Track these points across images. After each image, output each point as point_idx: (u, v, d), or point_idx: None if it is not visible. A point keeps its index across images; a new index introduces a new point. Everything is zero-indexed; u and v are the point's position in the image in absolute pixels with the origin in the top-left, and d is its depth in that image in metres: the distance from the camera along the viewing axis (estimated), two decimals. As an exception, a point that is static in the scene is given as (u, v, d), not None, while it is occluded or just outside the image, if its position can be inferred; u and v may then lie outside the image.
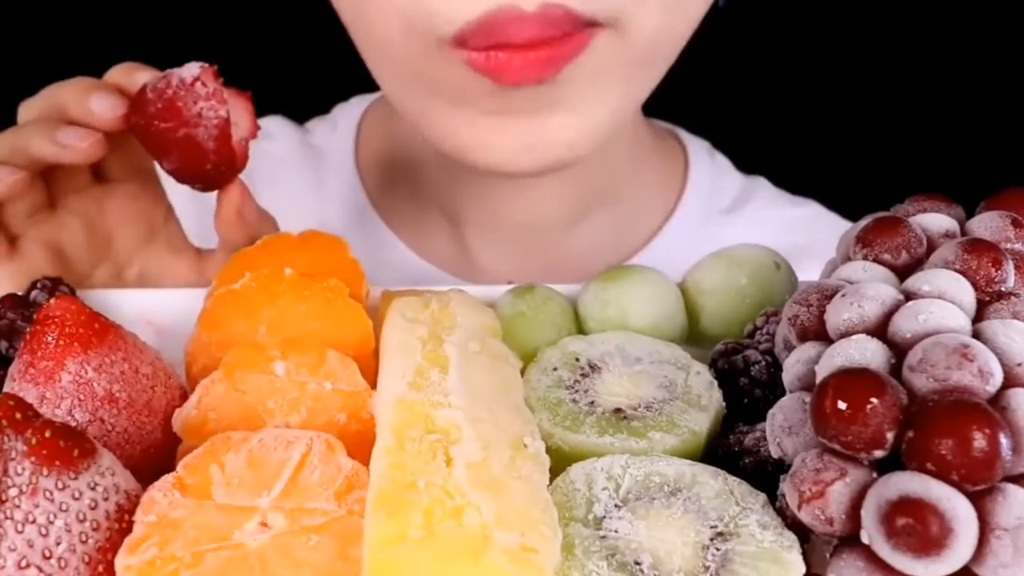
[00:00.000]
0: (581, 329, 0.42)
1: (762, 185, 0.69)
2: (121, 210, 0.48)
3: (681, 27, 0.48)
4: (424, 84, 0.48)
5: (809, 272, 0.43)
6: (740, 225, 0.65)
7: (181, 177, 0.45)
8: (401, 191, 0.65)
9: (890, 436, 0.27)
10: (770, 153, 0.72)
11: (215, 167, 0.44)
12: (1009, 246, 0.33)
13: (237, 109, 0.45)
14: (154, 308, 0.43)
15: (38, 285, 0.41)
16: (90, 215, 0.47)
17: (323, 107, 0.72)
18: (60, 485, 0.28)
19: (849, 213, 0.66)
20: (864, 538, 0.27)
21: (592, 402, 0.36)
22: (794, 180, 0.70)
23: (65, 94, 0.44)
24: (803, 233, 0.63)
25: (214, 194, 0.47)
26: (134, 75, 0.45)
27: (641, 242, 0.64)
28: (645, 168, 0.64)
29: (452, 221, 0.63)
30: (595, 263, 0.62)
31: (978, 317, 0.31)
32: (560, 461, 0.33)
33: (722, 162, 0.69)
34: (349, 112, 0.69)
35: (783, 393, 0.32)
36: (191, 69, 0.43)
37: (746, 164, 0.70)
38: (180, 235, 0.51)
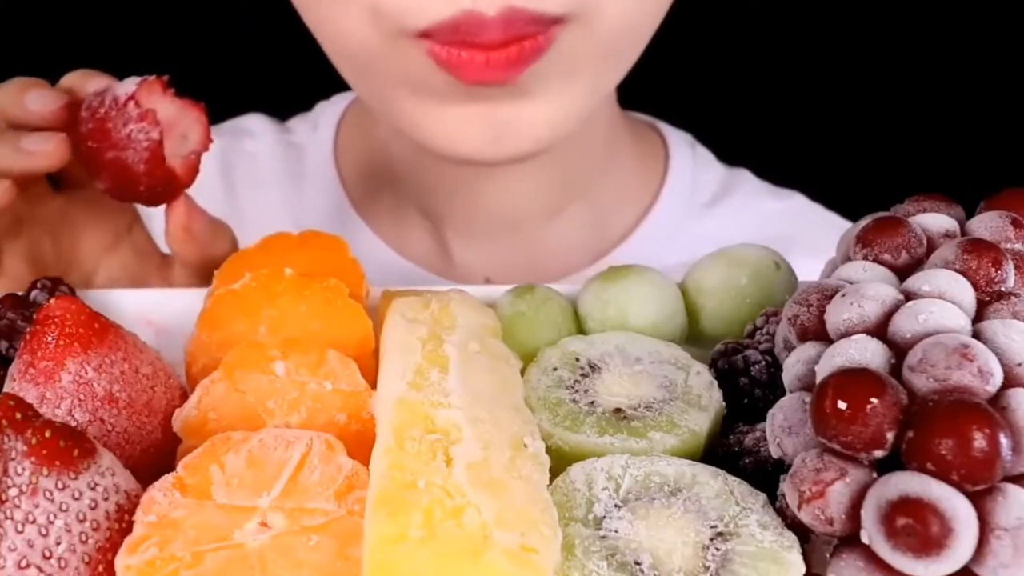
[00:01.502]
0: (581, 329, 0.42)
1: (745, 178, 0.68)
2: (84, 218, 0.48)
3: (649, 14, 0.48)
4: (385, 74, 0.48)
5: (796, 265, 0.43)
6: (722, 218, 0.65)
7: (116, 196, 0.44)
8: (380, 189, 0.65)
9: (890, 436, 0.27)
10: (769, 151, 0.72)
11: (149, 189, 0.43)
12: (1009, 246, 0.33)
13: (188, 120, 0.43)
14: (154, 308, 0.43)
15: (38, 285, 0.41)
16: (54, 224, 0.47)
17: (308, 104, 0.72)
18: (60, 485, 0.28)
19: (848, 213, 0.66)
20: (864, 538, 0.27)
21: (592, 402, 0.36)
22: (793, 180, 0.70)
23: (1, 97, 0.43)
24: (786, 225, 0.63)
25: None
26: (87, 82, 0.44)
27: (620, 236, 0.64)
28: (623, 161, 0.64)
29: (430, 218, 0.63)
30: (574, 258, 0.62)
31: (978, 317, 0.31)
32: (560, 461, 0.33)
33: (704, 155, 0.68)
34: (330, 110, 0.69)
35: (783, 393, 0.32)
36: (127, 86, 0.42)
37: (744, 162, 0.70)
38: (147, 241, 0.50)
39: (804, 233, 0.61)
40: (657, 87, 0.60)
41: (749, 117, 0.86)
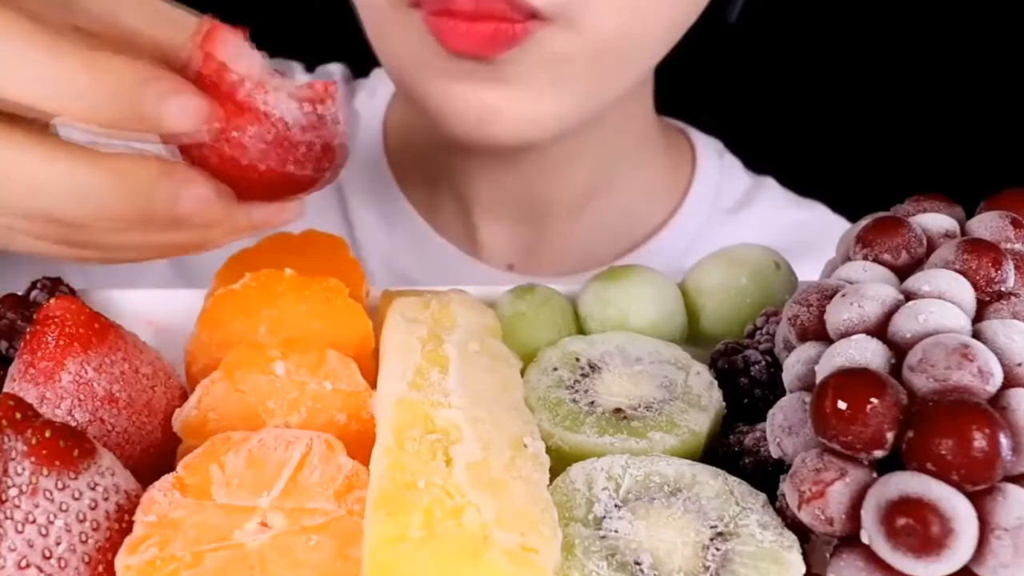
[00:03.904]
0: (581, 329, 0.42)
1: (769, 186, 0.69)
2: None
3: (648, 27, 0.49)
4: (394, 41, 0.50)
5: (811, 273, 0.43)
6: (744, 226, 0.66)
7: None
8: (418, 163, 0.66)
9: (890, 436, 0.27)
10: (775, 151, 0.72)
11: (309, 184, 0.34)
12: (1009, 246, 0.33)
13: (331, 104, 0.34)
14: (154, 308, 0.43)
15: (38, 285, 0.41)
16: None
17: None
18: (60, 485, 0.28)
19: (850, 212, 0.66)
20: (864, 538, 0.27)
21: (592, 402, 0.36)
22: (797, 179, 0.70)
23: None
24: (807, 235, 0.64)
25: None
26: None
27: (643, 238, 0.65)
28: (652, 164, 0.65)
29: (460, 198, 0.64)
30: (597, 255, 0.63)
31: (978, 317, 0.31)
32: (560, 461, 0.33)
33: (731, 162, 0.69)
34: (387, 79, 0.70)
35: (783, 393, 0.32)
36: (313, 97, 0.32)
37: (753, 162, 0.70)
38: None
39: (824, 244, 0.62)
40: (683, 89, 0.61)
41: (752, 114, 0.86)
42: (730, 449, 0.34)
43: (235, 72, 0.32)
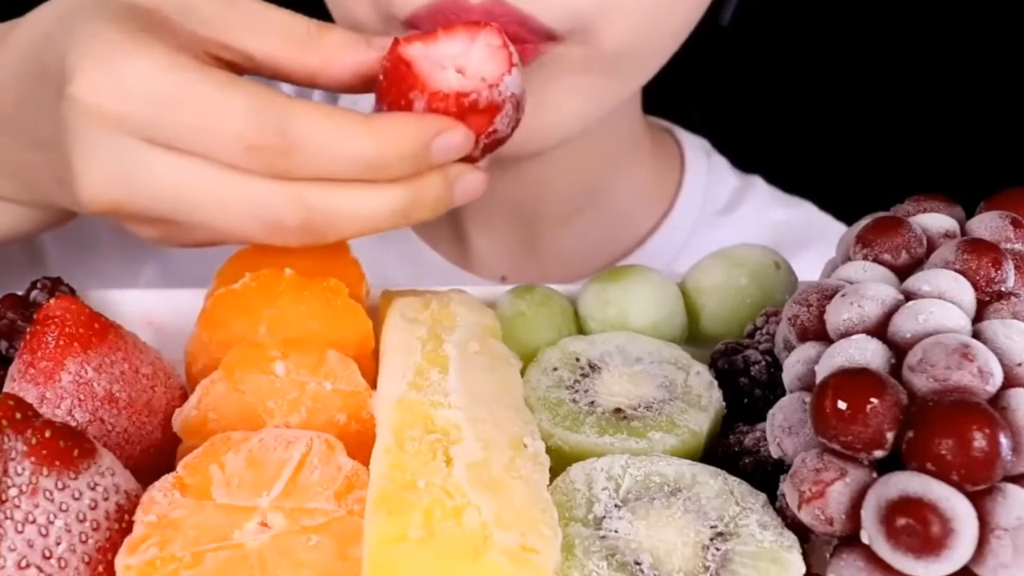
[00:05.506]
0: (581, 329, 0.42)
1: (757, 185, 0.69)
2: None
3: (659, 41, 0.49)
4: None
5: (801, 270, 0.43)
6: (733, 227, 0.65)
7: None
8: None
9: (890, 436, 0.27)
10: (771, 151, 0.72)
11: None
12: (1009, 246, 0.33)
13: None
14: (154, 308, 0.43)
15: (38, 285, 0.41)
16: None
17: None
18: (60, 485, 0.28)
19: (849, 213, 0.66)
20: (864, 538, 0.27)
21: (592, 402, 0.36)
22: (794, 179, 0.70)
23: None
24: (796, 234, 0.64)
25: None
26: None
27: (635, 243, 0.64)
28: (641, 168, 0.65)
29: (452, 211, 0.63)
30: (589, 262, 0.62)
31: (978, 317, 0.31)
32: (560, 461, 0.33)
33: (719, 163, 0.69)
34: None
35: (783, 393, 0.32)
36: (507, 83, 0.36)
37: (747, 162, 0.70)
38: None
39: (813, 241, 0.62)
40: (670, 90, 0.61)
41: (743, 112, 0.86)
42: (730, 449, 0.34)
43: (469, 95, 0.36)
